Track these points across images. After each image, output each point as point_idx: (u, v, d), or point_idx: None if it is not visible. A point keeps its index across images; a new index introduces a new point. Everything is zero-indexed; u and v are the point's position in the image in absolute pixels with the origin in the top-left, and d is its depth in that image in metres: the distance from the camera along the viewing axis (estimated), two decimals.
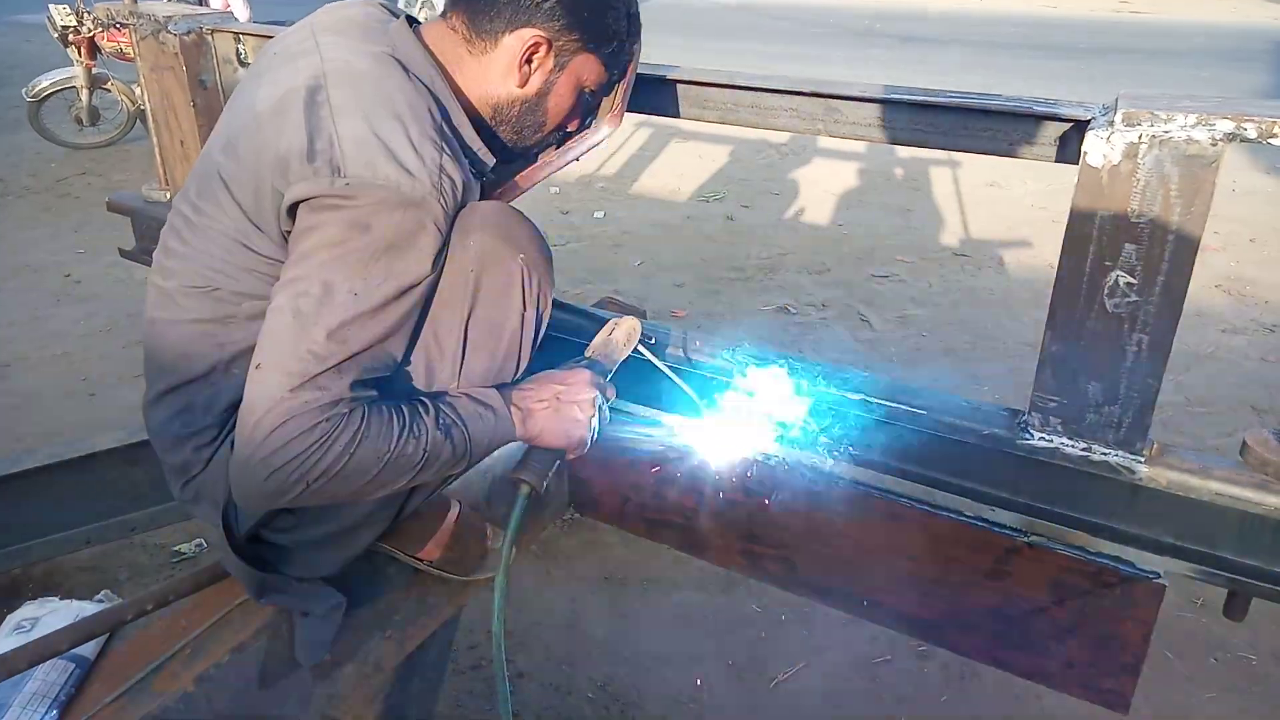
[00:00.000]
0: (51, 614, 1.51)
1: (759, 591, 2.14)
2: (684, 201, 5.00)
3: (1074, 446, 1.27)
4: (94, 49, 5.29)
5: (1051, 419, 1.27)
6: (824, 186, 5.21)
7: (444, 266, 1.12)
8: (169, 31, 2.11)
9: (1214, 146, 1.07)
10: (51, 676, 1.29)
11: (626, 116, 1.44)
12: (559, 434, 1.24)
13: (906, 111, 1.38)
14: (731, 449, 1.46)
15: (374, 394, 1.08)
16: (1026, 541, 1.31)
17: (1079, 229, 1.17)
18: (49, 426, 2.74)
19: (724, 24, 11.71)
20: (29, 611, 1.54)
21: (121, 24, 3.03)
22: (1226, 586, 1.26)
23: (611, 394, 1.31)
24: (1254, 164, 5.55)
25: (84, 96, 5.44)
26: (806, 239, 4.46)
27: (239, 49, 2.14)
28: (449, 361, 1.17)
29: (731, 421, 1.46)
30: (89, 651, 1.34)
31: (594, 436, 1.27)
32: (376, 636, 1.42)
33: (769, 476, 1.46)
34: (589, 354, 1.38)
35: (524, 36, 1.19)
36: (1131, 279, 1.15)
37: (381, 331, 1.05)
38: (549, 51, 1.22)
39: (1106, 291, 1.17)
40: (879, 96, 1.38)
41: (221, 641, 1.31)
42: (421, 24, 1.27)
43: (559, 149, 1.42)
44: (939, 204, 4.95)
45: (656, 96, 1.58)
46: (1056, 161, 1.29)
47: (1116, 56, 9.36)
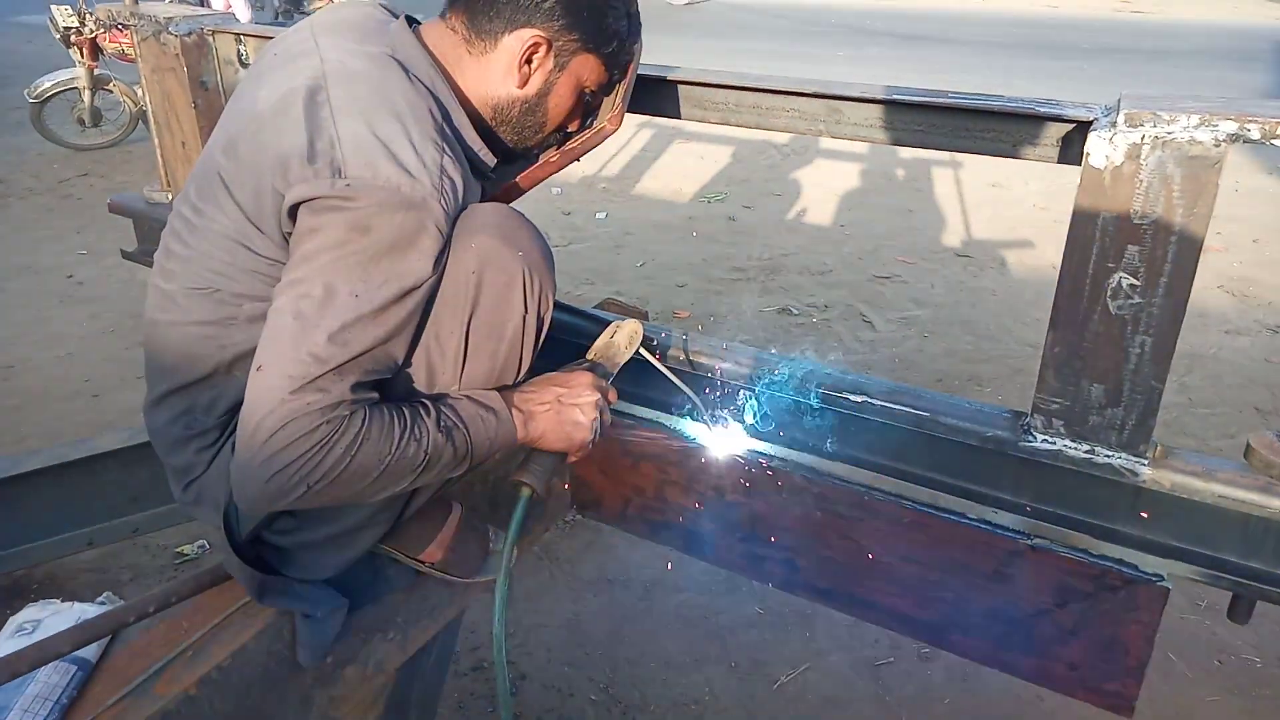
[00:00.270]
0: (53, 616, 1.51)
1: (761, 593, 2.14)
2: (686, 202, 5.00)
3: (1077, 449, 1.26)
4: (96, 50, 5.30)
5: (1054, 421, 1.27)
6: (826, 187, 5.20)
7: (445, 268, 1.12)
8: (170, 33, 2.11)
9: (1217, 147, 1.06)
10: (53, 679, 1.29)
11: (628, 117, 1.44)
12: (561, 436, 1.24)
13: (909, 112, 1.38)
14: (733, 451, 1.46)
15: (375, 396, 1.08)
16: (1029, 544, 1.30)
17: (1081, 230, 1.17)
18: (52, 428, 2.74)
19: (725, 23, 11.71)
20: (31, 613, 1.54)
21: (123, 25, 3.03)
22: (1230, 589, 1.25)
23: (613, 396, 1.31)
24: (1258, 164, 5.54)
25: (86, 97, 5.46)
26: (808, 240, 4.46)
27: (240, 50, 2.14)
28: (450, 363, 1.17)
29: (733, 423, 1.46)
30: (91, 654, 1.34)
31: (595, 438, 1.27)
32: (378, 638, 1.42)
33: (771, 478, 1.46)
34: (590, 356, 1.38)
35: (524, 37, 1.19)
36: (1134, 280, 1.15)
37: (383, 333, 1.05)
38: (549, 52, 1.22)
39: (1109, 293, 1.17)
40: (881, 97, 1.37)
41: (223, 643, 1.31)
42: (421, 24, 1.27)
43: (560, 149, 1.42)
44: (941, 205, 4.94)
45: (657, 97, 1.58)
46: (1059, 163, 1.28)
47: (1118, 56, 9.35)
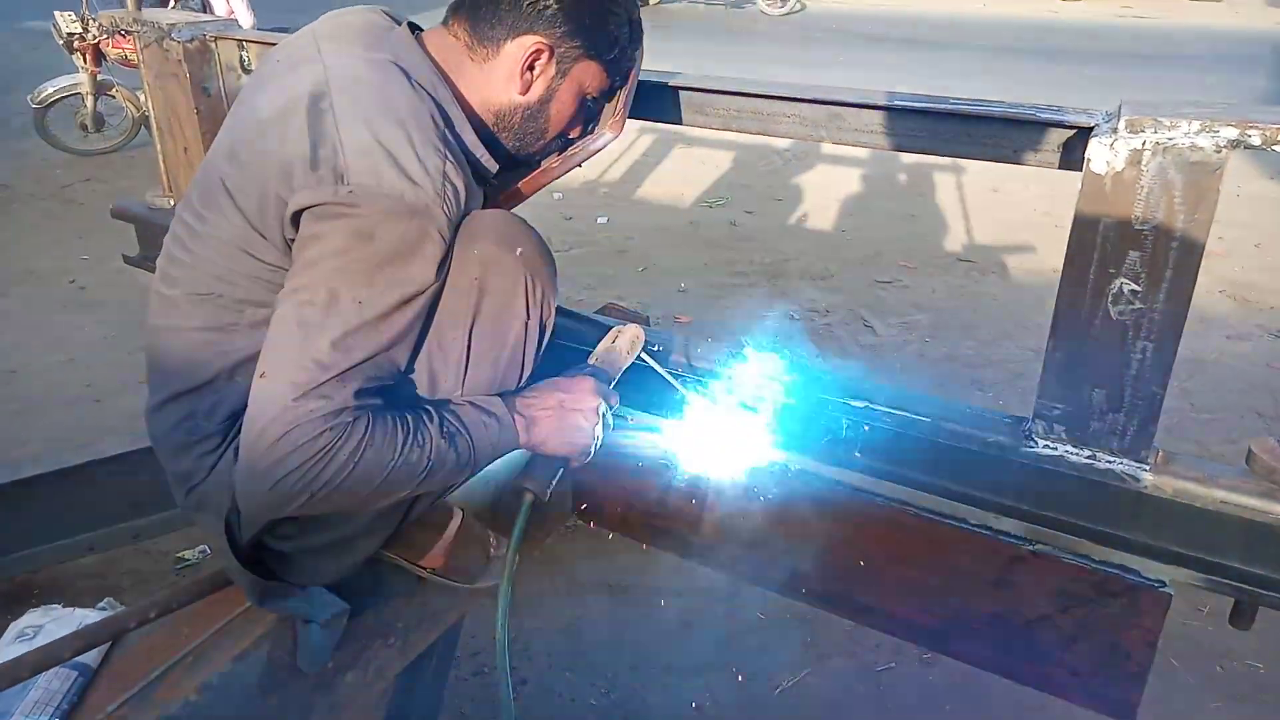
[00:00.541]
0: (54, 622, 1.51)
1: (762, 598, 2.13)
2: (687, 207, 5.00)
3: (1078, 454, 1.26)
4: (99, 56, 5.30)
5: (1056, 426, 1.26)
6: (827, 192, 5.21)
7: (448, 274, 1.12)
8: (173, 39, 2.11)
9: (1218, 153, 1.06)
10: (54, 685, 1.29)
11: (629, 122, 1.44)
12: (562, 442, 1.24)
13: (910, 118, 1.38)
14: (734, 456, 1.46)
15: (378, 402, 1.07)
16: (1031, 550, 1.30)
17: (1083, 235, 1.17)
18: (53, 433, 2.74)
19: (726, 27, 11.73)
20: (32, 619, 1.54)
21: (126, 31, 3.04)
22: (1232, 595, 1.25)
23: (615, 401, 1.31)
24: (1259, 169, 5.54)
25: (89, 103, 5.46)
26: (810, 245, 4.46)
27: (242, 56, 2.14)
28: (453, 369, 1.17)
29: (734, 428, 1.45)
30: (92, 660, 1.34)
31: (597, 444, 1.27)
32: (379, 644, 1.41)
33: (772, 483, 1.46)
34: (592, 361, 1.38)
35: (526, 43, 1.20)
36: (1136, 286, 1.15)
37: (386, 340, 1.05)
38: (551, 58, 1.22)
39: (1110, 298, 1.17)
40: (882, 103, 1.38)
41: (224, 649, 1.31)
42: (424, 31, 1.27)
43: (562, 155, 1.42)
44: (942, 210, 4.94)
45: (659, 103, 1.58)
46: (1060, 168, 1.29)
47: (1120, 61, 9.36)
